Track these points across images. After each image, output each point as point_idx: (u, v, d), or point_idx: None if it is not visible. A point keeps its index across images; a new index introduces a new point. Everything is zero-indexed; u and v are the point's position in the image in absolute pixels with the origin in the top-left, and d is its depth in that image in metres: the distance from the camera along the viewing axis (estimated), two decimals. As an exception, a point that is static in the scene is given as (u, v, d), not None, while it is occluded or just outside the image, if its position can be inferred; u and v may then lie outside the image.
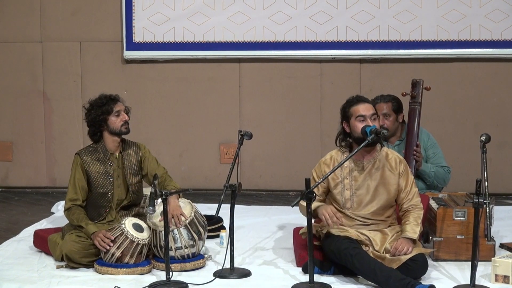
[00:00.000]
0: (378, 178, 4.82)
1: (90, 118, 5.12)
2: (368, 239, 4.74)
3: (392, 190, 4.83)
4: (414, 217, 4.77)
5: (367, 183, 4.81)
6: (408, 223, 4.74)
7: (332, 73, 7.66)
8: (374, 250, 4.69)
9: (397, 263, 4.52)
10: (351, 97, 4.91)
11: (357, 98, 4.87)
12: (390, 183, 4.83)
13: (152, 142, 7.34)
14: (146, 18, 7.63)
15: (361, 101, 4.85)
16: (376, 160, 4.84)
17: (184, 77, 7.80)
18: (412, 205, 4.83)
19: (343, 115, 4.86)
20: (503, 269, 4.53)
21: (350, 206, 4.81)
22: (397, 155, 4.91)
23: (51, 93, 7.88)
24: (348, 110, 4.82)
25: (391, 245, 4.66)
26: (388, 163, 4.85)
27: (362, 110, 4.77)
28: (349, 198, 4.81)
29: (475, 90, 7.57)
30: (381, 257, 4.61)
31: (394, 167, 4.84)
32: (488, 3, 7.34)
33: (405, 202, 4.84)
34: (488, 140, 4.93)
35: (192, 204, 5.08)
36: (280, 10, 7.54)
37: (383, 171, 4.83)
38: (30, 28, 7.82)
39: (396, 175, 4.84)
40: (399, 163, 4.86)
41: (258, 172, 7.82)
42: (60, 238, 5.09)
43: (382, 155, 4.87)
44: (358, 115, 4.76)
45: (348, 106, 4.84)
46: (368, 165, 4.83)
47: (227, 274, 4.77)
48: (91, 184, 5.12)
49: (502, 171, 7.54)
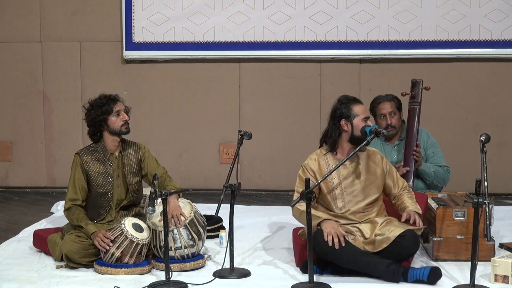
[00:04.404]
0: (364, 173, 4.88)
1: (90, 118, 5.12)
2: (358, 229, 4.77)
3: (380, 182, 4.91)
4: (408, 196, 4.91)
5: (357, 180, 4.85)
6: (406, 201, 4.86)
7: (332, 73, 7.66)
8: (364, 239, 4.71)
9: (387, 242, 4.58)
10: (345, 97, 4.92)
11: (354, 98, 4.91)
12: (377, 177, 4.90)
13: (152, 142, 7.34)
14: (146, 18, 7.63)
15: (361, 102, 4.92)
16: (360, 156, 4.90)
17: (184, 77, 7.80)
18: (401, 188, 4.96)
19: (342, 113, 4.84)
20: (502, 269, 4.53)
21: (343, 204, 4.83)
22: (377, 151, 5.02)
23: (51, 93, 7.88)
24: (349, 109, 4.83)
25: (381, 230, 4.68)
26: (370, 157, 4.93)
27: (366, 111, 4.89)
28: (341, 198, 4.83)
29: (475, 90, 7.57)
30: (371, 242, 4.66)
31: (377, 161, 4.93)
32: (488, 3, 7.34)
33: (396, 191, 4.96)
34: (488, 140, 4.93)
35: (191, 204, 5.08)
36: (279, 10, 7.54)
37: (367, 165, 4.90)
38: (30, 28, 7.82)
39: (381, 168, 4.92)
40: (381, 158, 4.96)
41: (257, 172, 7.82)
42: (60, 238, 5.09)
43: (364, 152, 4.93)
44: (365, 117, 4.82)
45: (348, 105, 4.86)
46: (353, 163, 4.88)
47: (226, 274, 4.77)
48: (91, 184, 5.12)
49: (502, 171, 7.54)
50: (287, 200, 7.34)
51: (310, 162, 4.91)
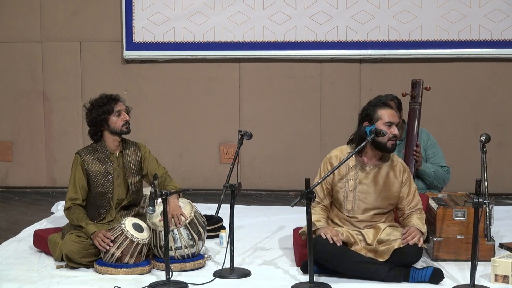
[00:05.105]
0: (382, 183, 4.81)
1: (91, 117, 5.12)
2: (360, 233, 4.76)
3: (393, 197, 4.83)
4: (418, 216, 4.79)
5: (372, 188, 4.80)
6: (414, 219, 4.76)
7: (332, 73, 7.66)
8: (366, 244, 4.71)
9: (388, 254, 4.56)
10: (376, 99, 4.91)
11: (385, 102, 4.88)
12: (392, 190, 4.82)
13: (152, 142, 7.33)
14: (146, 18, 7.63)
15: (390, 106, 4.85)
16: (383, 165, 4.83)
17: (184, 77, 7.80)
18: (412, 208, 4.83)
19: (367, 115, 4.77)
20: (502, 269, 4.53)
21: (351, 208, 4.81)
22: (401, 162, 4.90)
23: (51, 93, 7.88)
24: (374, 112, 4.74)
25: (384, 236, 4.67)
26: (393, 170, 4.84)
27: (391, 116, 4.73)
28: (352, 200, 4.80)
29: (475, 90, 7.57)
30: (373, 250, 4.64)
31: (398, 175, 4.83)
32: (488, 3, 7.34)
33: (407, 209, 4.84)
34: (488, 140, 4.93)
35: (192, 204, 5.08)
36: (280, 10, 7.54)
37: (387, 177, 4.82)
38: (30, 28, 7.82)
39: (399, 182, 4.83)
40: (403, 172, 4.85)
41: (257, 172, 7.82)
42: (60, 238, 5.09)
43: (388, 161, 4.85)
44: (388, 121, 4.70)
45: (375, 107, 4.77)
46: (374, 170, 4.82)
47: (227, 274, 4.77)
48: (91, 183, 5.12)
49: (502, 171, 7.54)
50: (287, 200, 7.34)
51: (332, 158, 4.85)
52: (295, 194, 7.54)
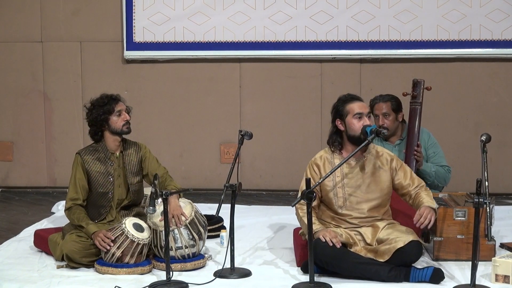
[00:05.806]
0: (369, 174, 4.83)
1: (91, 117, 5.12)
2: (359, 233, 4.75)
3: (385, 187, 4.85)
4: (425, 193, 4.81)
5: (360, 181, 4.82)
6: (423, 197, 4.77)
7: (333, 73, 7.66)
8: (365, 244, 4.71)
9: (389, 254, 4.56)
10: (343, 95, 4.91)
11: (350, 96, 4.87)
12: (382, 181, 4.84)
13: (152, 142, 7.33)
14: (146, 18, 7.63)
15: (356, 99, 4.85)
16: (367, 157, 4.86)
17: (184, 77, 7.80)
18: (418, 187, 4.86)
19: (336, 113, 4.84)
20: (503, 269, 4.53)
21: (343, 203, 4.82)
22: (387, 152, 4.93)
23: (52, 93, 7.89)
24: (342, 108, 4.81)
25: (384, 236, 4.67)
26: (379, 160, 4.87)
27: (358, 107, 4.78)
28: (342, 196, 4.81)
29: (476, 90, 7.57)
30: (373, 250, 4.64)
31: (385, 164, 4.87)
32: (489, 3, 7.34)
33: (412, 190, 4.85)
34: (489, 140, 4.93)
35: (192, 204, 5.08)
36: (280, 10, 7.54)
37: (374, 168, 4.85)
38: (30, 28, 7.83)
39: (387, 171, 4.85)
40: (390, 161, 4.88)
41: (258, 172, 7.82)
42: (61, 238, 5.09)
43: (372, 153, 4.88)
44: (355, 113, 4.75)
45: (342, 104, 4.83)
46: (359, 162, 4.84)
47: (227, 274, 4.77)
48: (92, 183, 5.12)
49: (503, 171, 7.54)
50: (287, 200, 7.34)
51: (316, 159, 4.89)
52: (295, 194, 7.54)
